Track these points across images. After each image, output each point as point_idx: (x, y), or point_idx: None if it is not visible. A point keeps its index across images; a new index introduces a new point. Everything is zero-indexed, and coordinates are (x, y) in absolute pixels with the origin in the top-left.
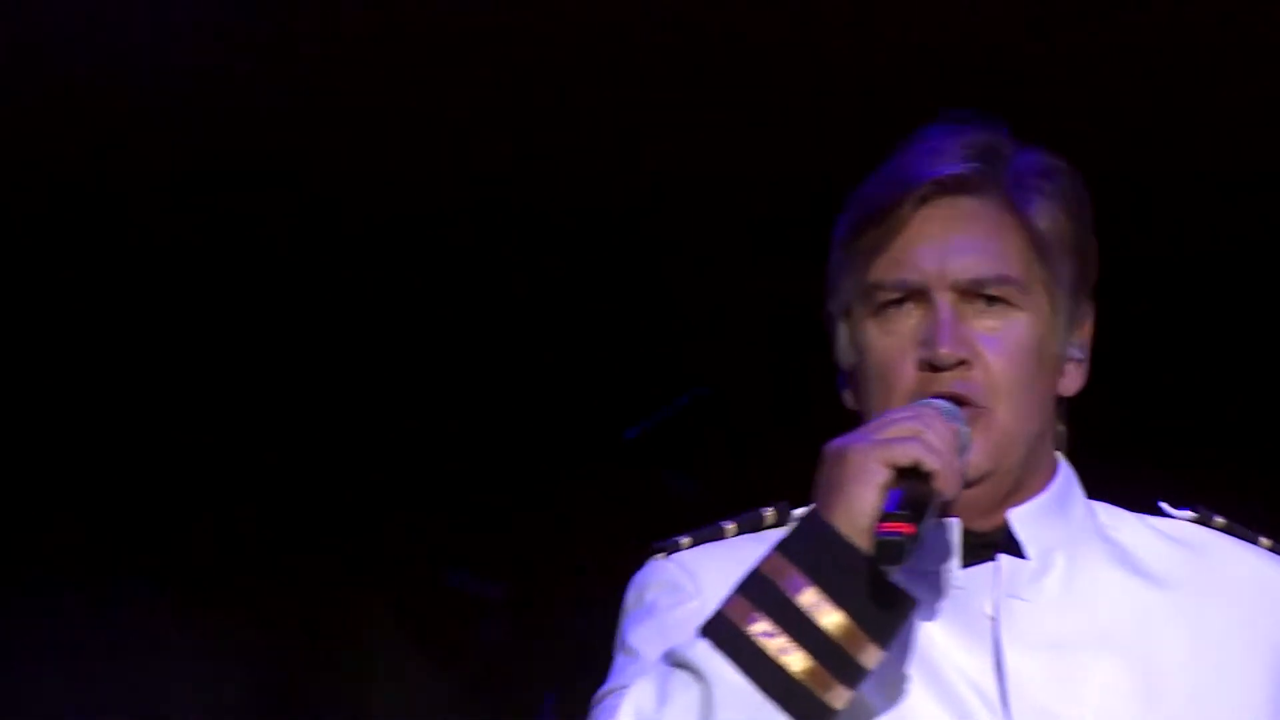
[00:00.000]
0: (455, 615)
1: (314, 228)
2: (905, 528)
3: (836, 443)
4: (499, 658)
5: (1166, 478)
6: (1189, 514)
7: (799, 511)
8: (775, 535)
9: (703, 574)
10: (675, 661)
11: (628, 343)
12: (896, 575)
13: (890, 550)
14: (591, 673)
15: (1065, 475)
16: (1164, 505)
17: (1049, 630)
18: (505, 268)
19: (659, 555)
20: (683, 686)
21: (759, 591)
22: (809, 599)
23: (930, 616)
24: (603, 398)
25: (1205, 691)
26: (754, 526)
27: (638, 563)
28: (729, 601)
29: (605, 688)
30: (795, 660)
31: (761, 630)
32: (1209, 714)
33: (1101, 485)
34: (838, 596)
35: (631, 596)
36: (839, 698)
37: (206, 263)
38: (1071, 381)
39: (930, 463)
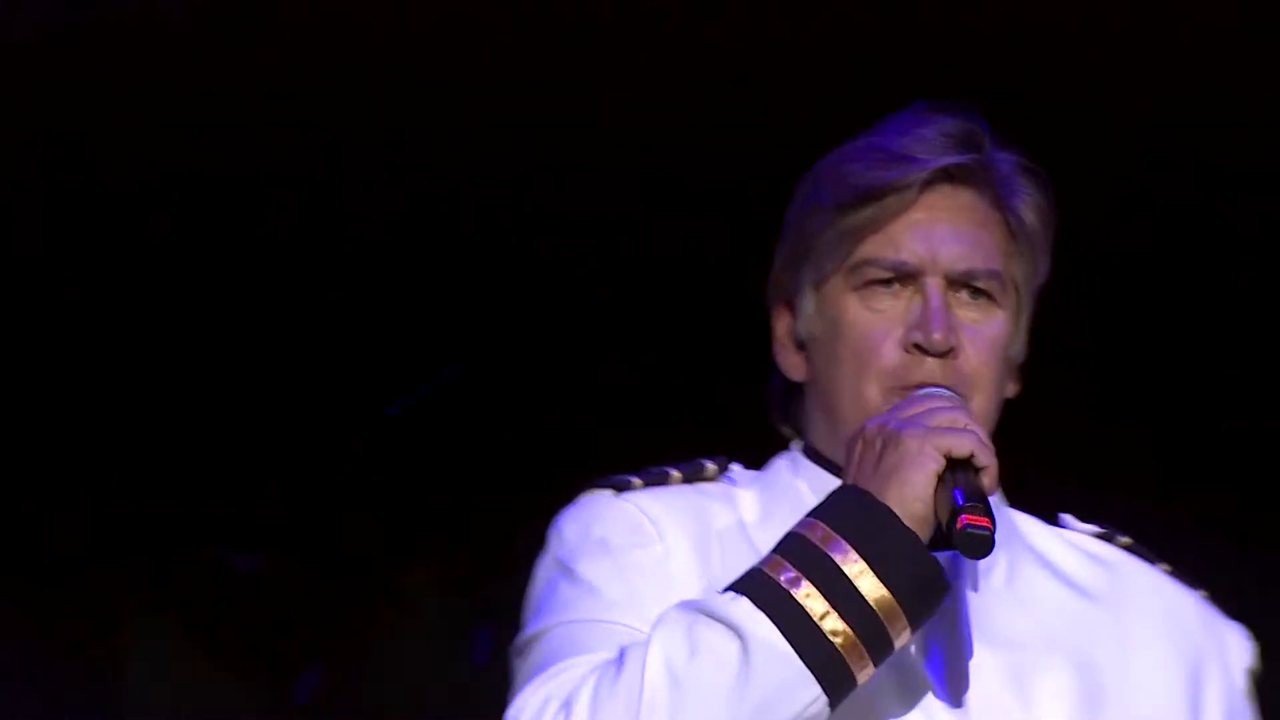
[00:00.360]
0: (214, 588)
1: None
2: (986, 522)
3: (882, 423)
4: (258, 630)
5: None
6: (1094, 529)
7: (737, 466)
8: (713, 488)
9: (661, 520)
10: (707, 614)
11: (386, 319)
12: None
13: (978, 542)
14: (353, 645)
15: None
16: (1066, 518)
17: (1001, 627)
18: (259, 240)
19: (607, 491)
20: (718, 641)
21: (804, 558)
22: (856, 571)
23: None
24: (364, 373)
25: (1137, 700)
26: (695, 477)
27: (396, 534)
28: (768, 562)
29: (553, 618)
30: (839, 633)
31: (807, 597)
32: (1141, 717)
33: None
34: (886, 573)
35: (573, 529)
36: (865, 673)
37: None
38: (1014, 385)
39: (984, 457)
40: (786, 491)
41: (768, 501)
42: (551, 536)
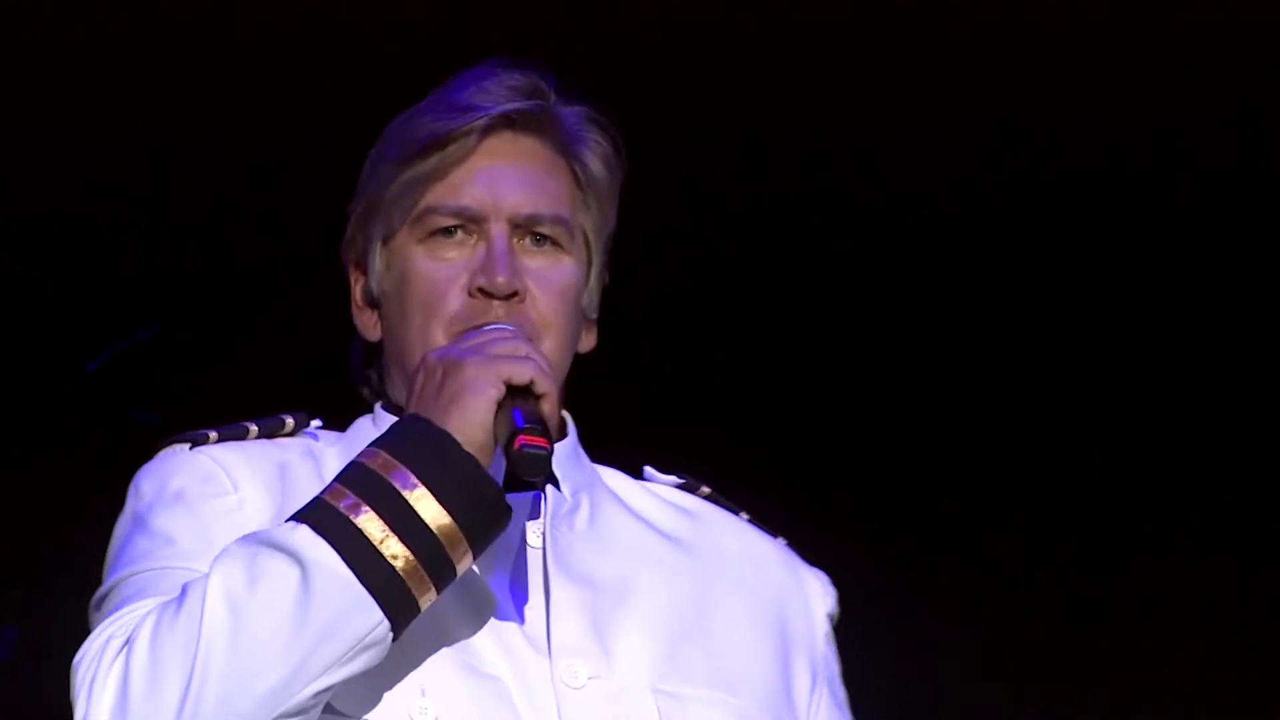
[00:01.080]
0: None
1: None
2: (543, 442)
3: (443, 353)
4: None
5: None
6: (674, 479)
7: (316, 422)
8: (293, 443)
9: (235, 470)
10: (266, 543)
11: (89, 274)
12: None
13: (535, 462)
14: (55, 606)
15: (574, 429)
16: (649, 470)
17: (585, 566)
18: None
19: (182, 445)
20: (277, 569)
21: (365, 485)
22: (417, 496)
23: None
24: (65, 329)
25: (719, 641)
26: (273, 432)
27: (103, 494)
28: (330, 490)
29: (127, 570)
30: (398, 553)
31: (368, 522)
32: (724, 659)
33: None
34: (446, 498)
35: (150, 484)
36: (428, 599)
37: None
38: (589, 339)
39: (544, 384)
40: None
41: (348, 456)
42: (130, 493)
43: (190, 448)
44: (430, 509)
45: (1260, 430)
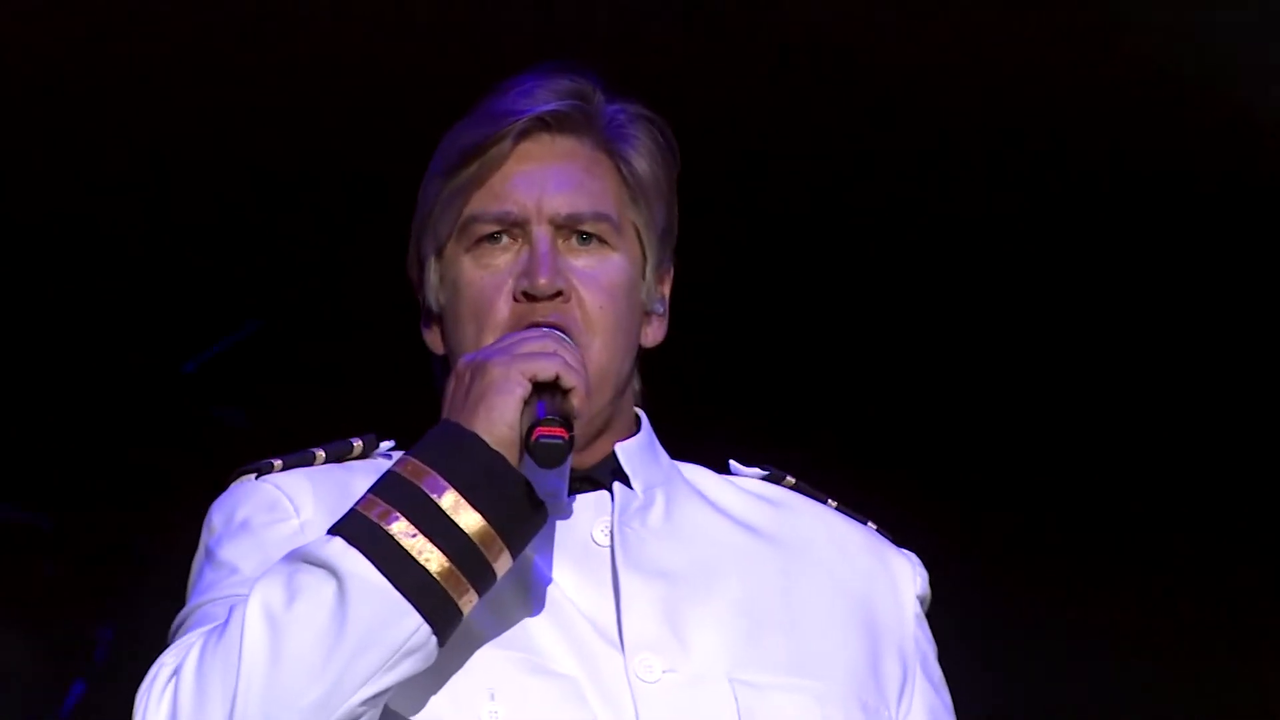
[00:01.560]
0: (3, 548)
1: None
2: (561, 432)
3: (472, 356)
4: (50, 592)
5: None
6: (759, 471)
7: (386, 444)
8: (363, 465)
9: (299, 495)
10: (304, 559)
11: (183, 275)
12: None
13: (551, 452)
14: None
15: (648, 425)
16: (733, 463)
17: (658, 560)
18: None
19: (249, 475)
20: (314, 583)
21: (397, 492)
22: (449, 501)
23: (541, 544)
24: (158, 331)
25: (800, 628)
26: (342, 456)
27: (194, 494)
28: (363, 501)
29: (196, 601)
30: (433, 559)
31: (400, 529)
32: (805, 646)
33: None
34: (478, 500)
35: (220, 517)
36: (469, 601)
37: None
38: (654, 333)
39: (570, 379)
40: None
41: None
42: (204, 527)
43: (256, 477)
44: (462, 511)
45: None
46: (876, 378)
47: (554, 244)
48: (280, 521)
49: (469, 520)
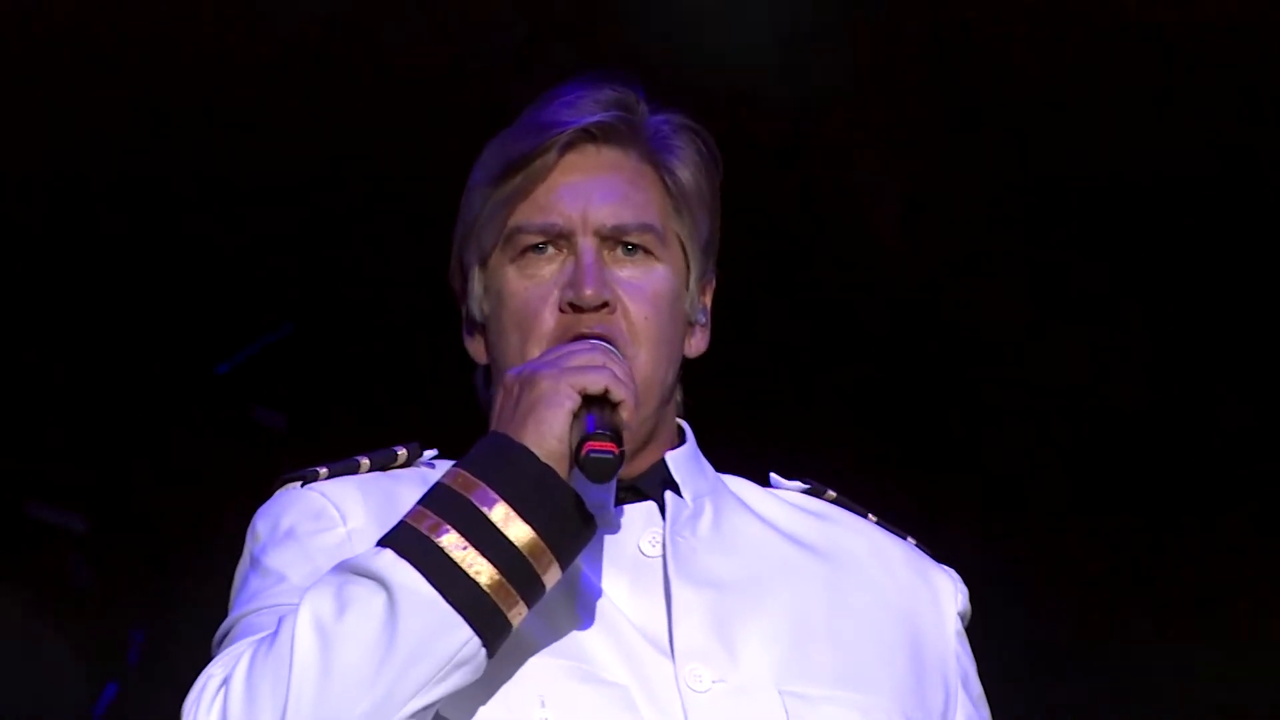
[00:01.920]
0: (37, 548)
1: None
2: (611, 447)
3: (520, 369)
4: (84, 593)
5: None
6: (800, 484)
7: (430, 453)
8: (407, 473)
9: (346, 504)
10: (354, 570)
11: (218, 277)
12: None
13: (603, 467)
14: (181, 609)
15: (691, 436)
16: (775, 477)
17: (709, 570)
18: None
19: (294, 483)
20: (365, 595)
21: (446, 504)
22: (499, 513)
23: (590, 554)
24: (193, 332)
25: (846, 642)
26: (386, 464)
27: (229, 496)
28: (412, 513)
29: (242, 610)
30: (483, 572)
31: (450, 541)
32: (851, 659)
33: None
34: (528, 512)
35: (265, 524)
36: (518, 613)
37: None
38: (697, 343)
39: (619, 392)
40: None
41: None
42: (248, 535)
43: (301, 485)
44: (511, 524)
45: None
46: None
47: (599, 255)
48: (327, 530)
49: (519, 533)
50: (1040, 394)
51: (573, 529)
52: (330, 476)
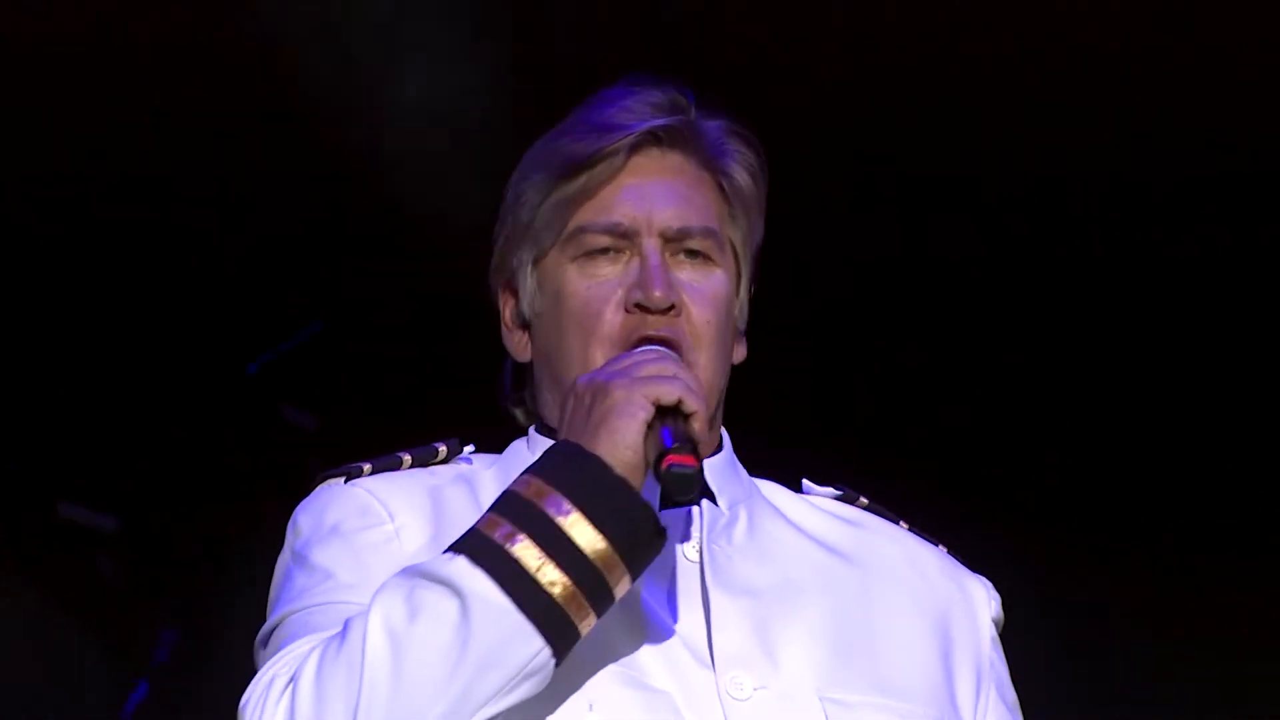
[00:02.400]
0: (69, 548)
1: None
2: (691, 460)
3: (591, 378)
4: (115, 592)
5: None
6: (832, 491)
7: (468, 449)
8: (447, 470)
9: (392, 501)
10: (426, 576)
11: (246, 276)
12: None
13: (684, 481)
14: (212, 609)
15: (728, 442)
16: (807, 483)
17: (745, 578)
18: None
19: (336, 479)
20: (436, 601)
21: (519, 512)
22: (572, 523)
23: None
24: (222, 331)
25: (883, 649)
26: (426, 460)
27: (260, 494)
28: (485, 520)
29: (289, 607)
30: (556, 582)
31: (523, 550)
32: (888, 665)
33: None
34: (601, 522)
35: (307, 520)
36: (588, 624)
37: None
38: (740, 350)
39: (692, 403)
40: (522, 468)
41: (504, 480)
42: (289, 530)
43: (345, 481)
44: (585, 534)
45: None
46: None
47: (664, 257)
48: (374, 526)
49: (592, 544)
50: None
51: (645, 540)
52: (374, 473)
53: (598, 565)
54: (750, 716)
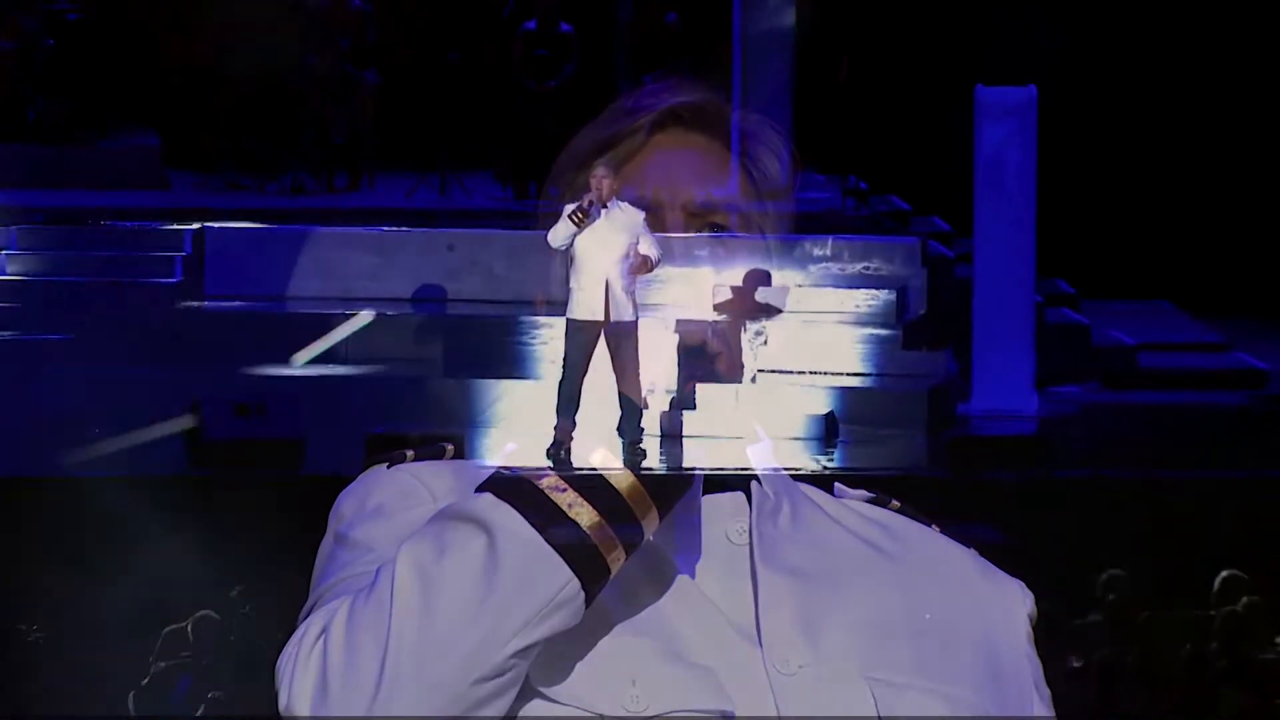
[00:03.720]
0: None
1: None
2: None
3: None
4: None
5: None
6: (864, 494)
7: (510, 446)
8: (490, 462)
9: (435, 484)
10: (453, 516)
11: None
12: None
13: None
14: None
15: (762, 430)
16: (838, 485)
17: (791, 559)
18: None
19: (380, 465)
20: (464, 536)
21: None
22: (599, 456)
23: (681, 540)
24: None
25: (925, 639)
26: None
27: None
28: None
29: (329, 581)
30: (583, 513)
31: (549, 483)
32: (932, 650)
33: None
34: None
35: (351, 504)
36: (617, 559)
37: None
38: None
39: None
40: None
41: None
42: (332, 516)
43: (388, 467)
44: (611, 469)
45: None
46: None
47: (687, 231)
48: (414, 507)
49: (619, 477)
50: None
51: (674, 478)
52: (417, 459)
53: (625, 498)
54: (797, 692)
